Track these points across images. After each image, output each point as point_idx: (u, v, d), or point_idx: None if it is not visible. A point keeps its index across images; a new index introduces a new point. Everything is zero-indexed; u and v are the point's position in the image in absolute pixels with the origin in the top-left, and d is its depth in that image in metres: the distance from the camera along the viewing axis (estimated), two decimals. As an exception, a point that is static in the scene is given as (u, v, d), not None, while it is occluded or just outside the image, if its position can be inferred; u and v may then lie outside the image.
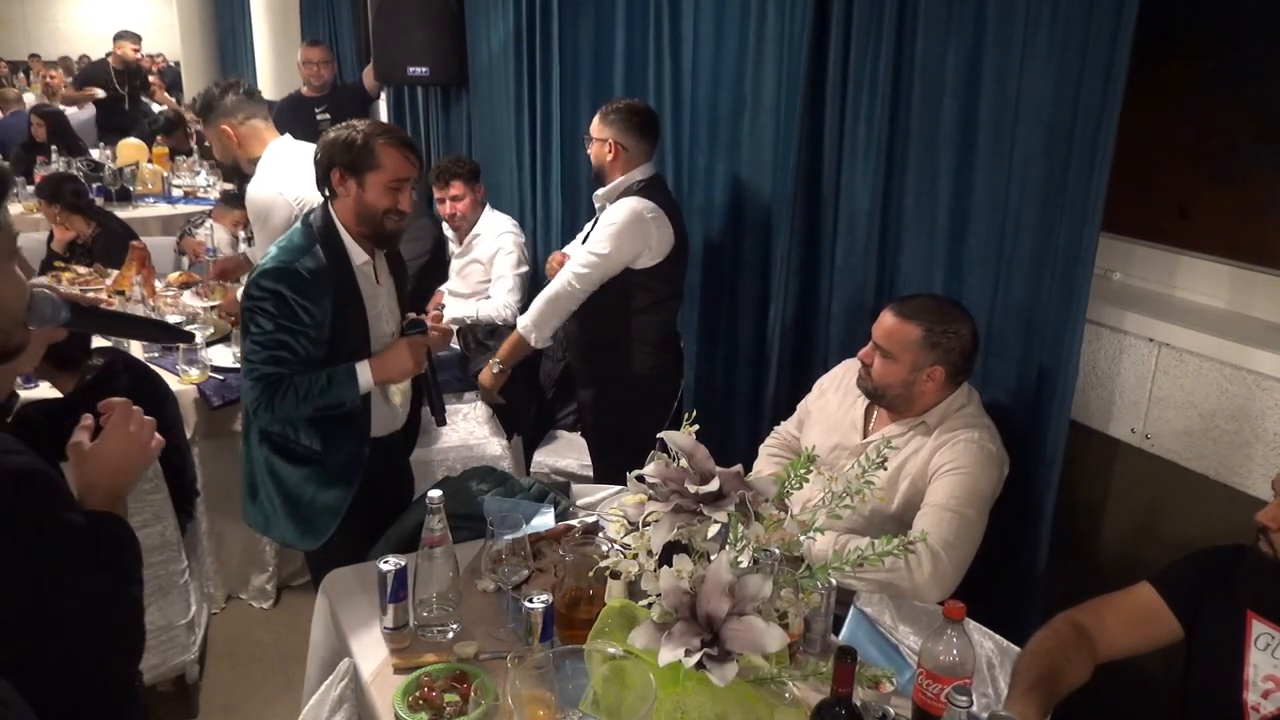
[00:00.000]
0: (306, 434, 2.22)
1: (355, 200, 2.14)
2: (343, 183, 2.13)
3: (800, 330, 2.70)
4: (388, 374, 2.21)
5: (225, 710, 2.80)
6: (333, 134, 2.16)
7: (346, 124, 2.18)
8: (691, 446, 1.48)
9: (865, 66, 2.33)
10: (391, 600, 1.68)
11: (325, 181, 2.16)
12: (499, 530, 1.71)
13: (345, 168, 2.11)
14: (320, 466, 2.24)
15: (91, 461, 1.32)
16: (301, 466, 2.25)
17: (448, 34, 4.50)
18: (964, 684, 1.38)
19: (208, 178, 6.23)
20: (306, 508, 2.25)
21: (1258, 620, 1.49)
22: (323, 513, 2.25)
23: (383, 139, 2.12)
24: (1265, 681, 1.47)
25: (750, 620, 1.32)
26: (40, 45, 14.24)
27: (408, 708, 1.51)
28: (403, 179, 2.13)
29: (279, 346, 2.10)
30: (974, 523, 1.86)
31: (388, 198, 2.13)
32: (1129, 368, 2.00)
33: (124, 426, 1.35)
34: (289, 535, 2.29)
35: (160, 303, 3.59)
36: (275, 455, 2.26)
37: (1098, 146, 1.82)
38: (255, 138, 2.98)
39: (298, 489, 2.25)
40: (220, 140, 2.99)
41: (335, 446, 2.23)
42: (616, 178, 2.73)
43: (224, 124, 2.94)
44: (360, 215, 2.15)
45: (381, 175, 2.11)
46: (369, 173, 2.11)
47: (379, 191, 2.12)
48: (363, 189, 2.12)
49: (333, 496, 2.25)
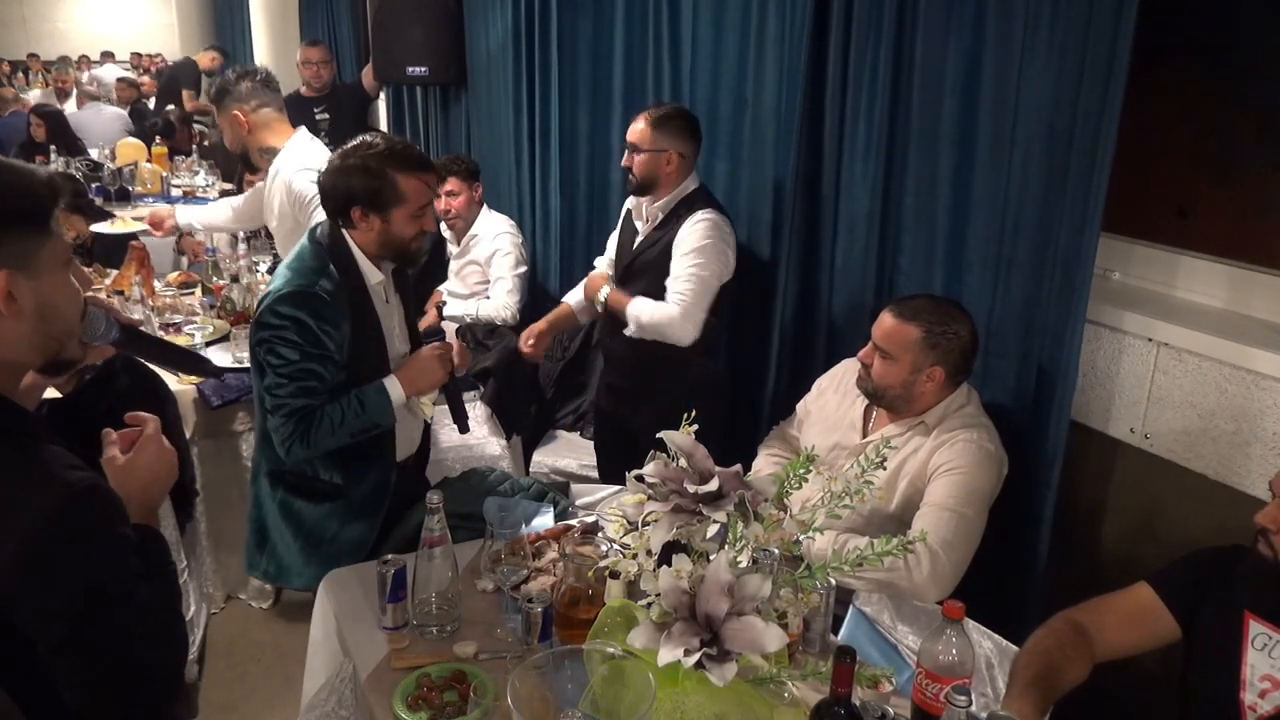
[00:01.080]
0: (326, 468, 2.13)
1: (380, 233, 2.08)
2: (365, 219, 2.06)
3: (800, 330, 2.70)
4: (417, 385, 2.12)
5: (224, 710, 2.80)
6: (341, 163, 2.07)
7: (352, 147, 2.09)
8: (690, 446, 1.48)
9: (865, 66, 2.33)
10: (391, 600, 1.68)
11: (343, 215, 2.08)
12: (498, 530, 1.71)
13: (367, 204, 2.04)
14: (344, 500, 2.15)
15: (126, 475, 1.34)
16: (323, 504, 2.15)
17: (447, 34, 4.50)
18: (963, 684, 1.38)
19: (207, 177, 6.22)
20: (329, 546, 2.15)
21: (1255, 620, 1.50)
22: (346, 550, 2.14)
23: (400, 170, 2.04)
24: (1262, 681, 1.47)
25: (749, 620, 1.32)
26: (40, 45, 14.24)
27: (407, 707, 1.51)
28: (426, 204, 2.10)
29: (307, 376, 2.01)
30: (973, 522, 1.86)
31: (413, 226, 2.09)
32: (1128, 367, 2.00)
33: (157, 441, 1.39)
34: (308, 579, 2.13)
35: (159, 302, 3.58)
36: (292, 496, 2.16)
37: (1098, 146, 1.82)
38: (266, 126, 2.95)
39: (319, 528, 2.15)
40: (232, 126, 2.96)
41: (358, 477, 2.15)
42: (671, 189, 2.60)
43: (236, 109, 2.91)
44: (385, 244, 2.10)
45: (406, 208, 2.06)
46: (393, 209, 2.05)
47: (405, 222, 2.08)
48: (388, 223, 2.07)
49: (357, 531, 2.16)
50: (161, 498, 1.40)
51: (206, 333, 3.40)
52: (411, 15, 4.49)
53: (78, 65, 12.87)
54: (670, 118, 2.57)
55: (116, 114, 8.05)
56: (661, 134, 2.54)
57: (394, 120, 5.47)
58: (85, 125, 7.41)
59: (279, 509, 2.17)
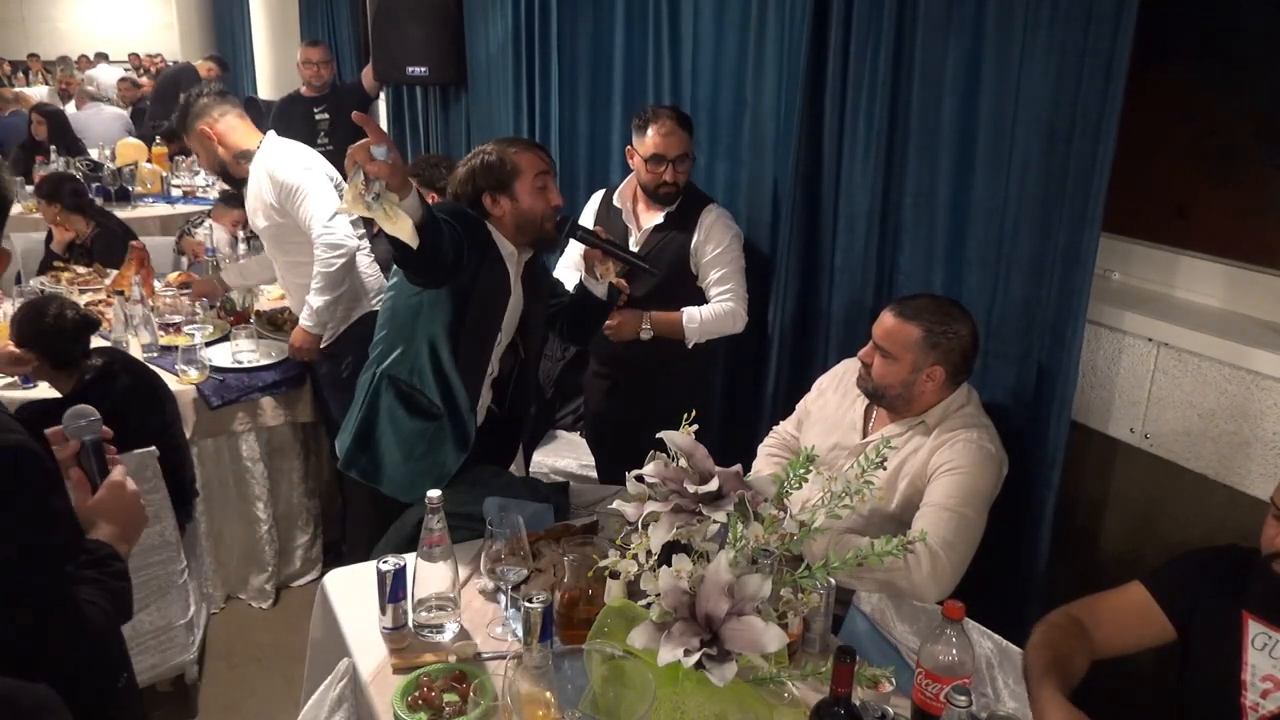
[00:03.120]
0: (430, 388, 2.21)
1: (513, 213, 2.19)
2: (495, 203, 2.19)
3: (800, 330, 2.70)
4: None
5: (224, 710, 2.80)
6: (465, 168, 2.21)
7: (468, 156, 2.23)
8: (690, 446, 1.48)
9: (865, 67, 2.33)
10: (391, 600, 1.68)
11: (479, 209, 2.20)
12: (498, 530, 1.71)
13: (493, 188, 2.18)
14: (436, 424, 2.23)
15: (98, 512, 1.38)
16: (420, 419, 2.23)
17: (447, 34, 4.51)
18: (963, 684, 1.38)
19: (207, 178, 6.22)
20: (417, 464, 2.22)
21: (1254, 620, 1.50)
22: (430, 471, 2.20)
23: (511, 147, 2.20)
24: (1264, 681, 1.47)
25: (749, 620, 1.32)
26: (39, 45, 14.24)
27: (407, 708, 1.51)
28: (543, 171, 2.20)
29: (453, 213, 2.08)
30: (973, 522, 1.86)
31: (540, 198, 2.19)
32: (1128, 368, 2.00)
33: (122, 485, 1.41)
34: (396, 487, 2.25)
35: (159, 302, 3.59)
36: (398, 402, 2.24)
37: (1098, 147, 1.82)
38: (234, 131, 3.00)
39: (411, 441, 2.23)
40: (203, 144, 3.00)
41: (452, 407, 2.23)
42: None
43: (201, 125, 2.96)
44: (522, 225, 2.20)
45: (525, 178, 2.18)
46: (515, 182, 2.17)
47: (530, 194, 2.18)
48: (516, 199, 2.18)
49: (441, 457, 2.23)
50: (136, 535, 1.42)
51: (206, 333, 3.40)
52: (411, 15, 4.50)
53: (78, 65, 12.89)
54: (686, 119, 2.66)
55: (116, 114, 8.06)
56: (691, 138, 2.66)
57: (394, 120, 5.47)
58: (85, 126, 7.42)
59: (387, 413, 2.25)
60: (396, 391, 2.24)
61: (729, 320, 2.68)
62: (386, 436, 2.25)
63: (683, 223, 2.66)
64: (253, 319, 3.57)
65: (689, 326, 2.66)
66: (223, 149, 3.00)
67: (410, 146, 5.35)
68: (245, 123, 3.04)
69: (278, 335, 3.44)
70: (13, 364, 2.62)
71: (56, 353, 2.57)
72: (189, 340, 3.22)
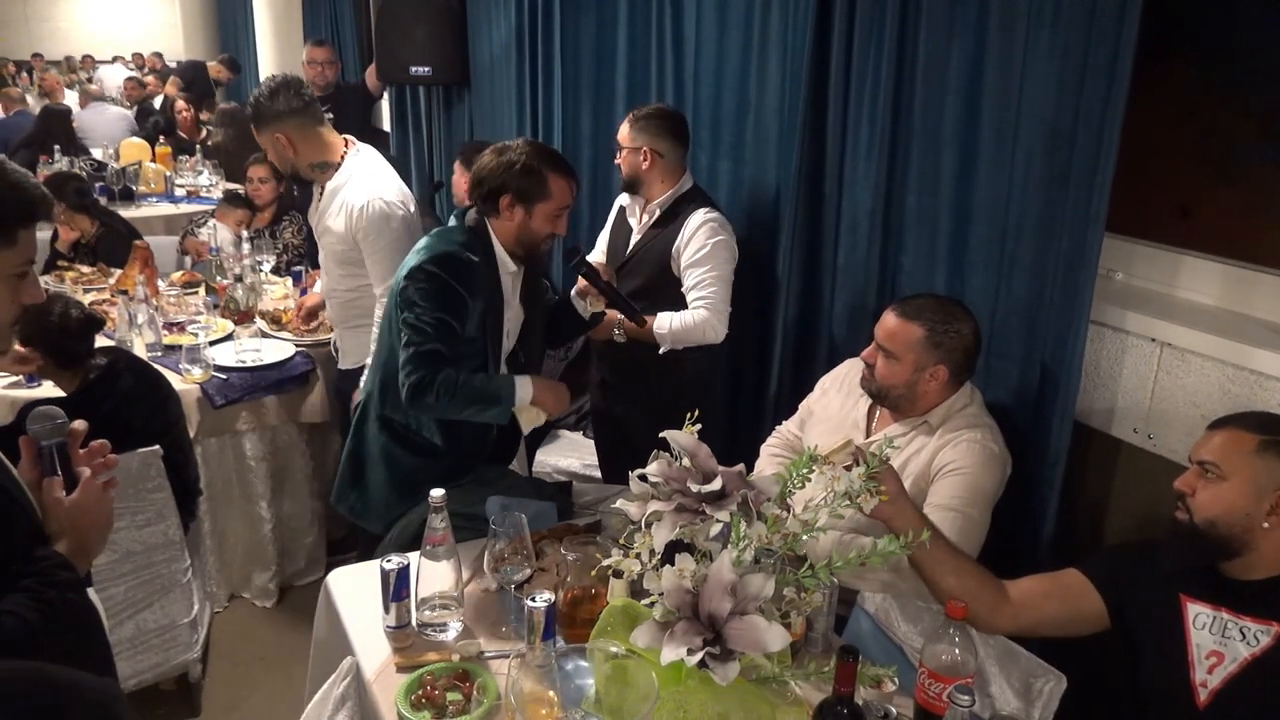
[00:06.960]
0: (429, 428, 2.22)
1: (519, 225, 2.19)
2: (511, 208, 2.17)
3: (803, 330, 2.70)
4: (544, 399, 2.19)
5: (227, 709, 2.80)
6: (499, 157, 2.18)
7: (511, 144, 2.21)
8: (694, 446, 1.49)
9: (868, 66, 2.34)
10: (394, 599, 1.68)
11: (491, 202, 2.18)
12: (501, 529, 1.71)
13: (516, 195, 2.16)
14: (437, 460, 2.23)
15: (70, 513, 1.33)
16: (419, 457, 2.24)
17: (450, 33, 4.51)
18: (966, 683, 1.39)
19: (210, 177, 6.23)
20: (415, 499, 2.18)
21: (1191, 602, 1.56)
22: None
23: (552, 170, 2.17)
24: (1209, 658, 1.52)
25: (752, 619, 1.32)
26: (42, 45, 14.24)
27: (410, 706, 1.51)
28: (566, 206, 2.20)
29: (442, 325, 2.09)
30: (976, 522, 1.86)
31: (550, 225, 2.20)
32: (1131, 368, 2.00)
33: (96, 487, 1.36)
34: (386, 525, 2.25)
35: (163, 301, 3.59)
36: (394, 443, 2.25)
37: (1101, 146, 1.82)
38: (310, 141, 2.78)
39: (411, 479, 2.22)
40: (275, 147, 2.81)
41: (454, 442, 2.23)
42: (656, 186, 2.67)
43: (277, 133, 2.76)
44: (520, 238, 2.20)
45: (550, 205, 2.18)
46: (539, 202, 2.17)
47: (544, 220, 2.19)
48: (530, 216, 2.18)
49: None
50: (99, 544, 1.37)
51: (210, 332, 3.40)
52: (414, 15, 4.50)
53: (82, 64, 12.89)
54: (650, 117, 2.64)
55: (120, 114, 8.07)
56: (637, 132, 2.63)
57: (397, 120, 5.48)
58: (89, 125, 7.44)
59: (381, 452, 2.26)
60: (391, 433, 2.24)
61: (700, 330, 2.58)
62: (379, 478, 2.25)
63: (672, 222, 2.65)
64: (256, 318, 3.58)
65: (659, 333, 2.62)
66: (297, 158, 2.81)
67: (413, 147, 5.36)
68: (323, 129, 2.83)
69: (281, 334, 3.45)
70: (17, 363, 2.62)
71: (61, 352, 2.58)
72: (193, 339, 3.23)
